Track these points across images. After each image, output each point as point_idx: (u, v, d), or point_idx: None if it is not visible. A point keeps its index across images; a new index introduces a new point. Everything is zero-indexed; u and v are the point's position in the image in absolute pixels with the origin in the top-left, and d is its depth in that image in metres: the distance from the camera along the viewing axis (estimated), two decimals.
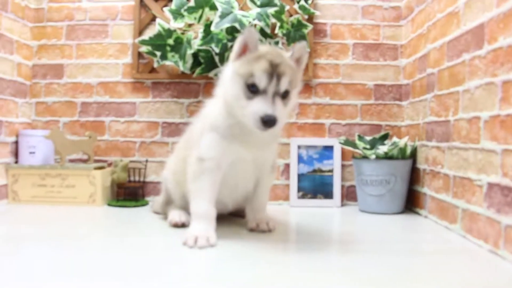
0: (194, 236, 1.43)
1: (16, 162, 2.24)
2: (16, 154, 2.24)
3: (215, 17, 2.09)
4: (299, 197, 2.29)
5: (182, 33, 2.23)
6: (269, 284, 1.09)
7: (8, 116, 2.18)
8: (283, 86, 1.39)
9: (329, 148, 2.32)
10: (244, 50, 1.45)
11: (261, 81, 1.37)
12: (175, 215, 1.73)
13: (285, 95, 1.41)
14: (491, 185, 1.42)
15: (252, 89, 1.38)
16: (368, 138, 2.25)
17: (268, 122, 1.34)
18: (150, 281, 1.09)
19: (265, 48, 1.47)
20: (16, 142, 2.24)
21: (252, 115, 1.36)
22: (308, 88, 2.35)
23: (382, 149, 2.09)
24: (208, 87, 2.34)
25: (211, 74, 2.24)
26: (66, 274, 1.14)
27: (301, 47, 1.48)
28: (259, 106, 1.35)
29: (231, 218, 1.88)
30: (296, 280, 1.13)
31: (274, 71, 1.37)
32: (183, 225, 1.69)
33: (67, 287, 1.04)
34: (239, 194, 1.71)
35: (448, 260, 1.33)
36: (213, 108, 1.58)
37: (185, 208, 1.73)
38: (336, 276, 1.16)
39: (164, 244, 1.49)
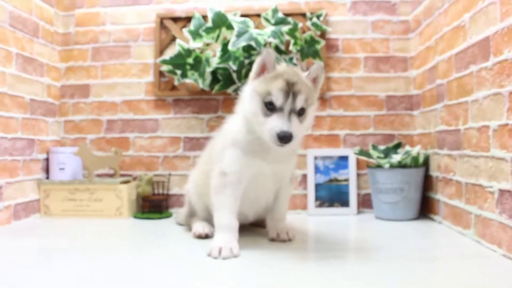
0: (218, 247, 1.50)
1: (47, 178, 2.37)
2: (47, 170, 2.37)
3: (232, 36, 2.21)
4: (316, 206, 2.37)
5: (201, 52, 2.34)
6: None
7: (39, 135, 2.32)
8: (299, 104, 1.47)
9: (345, 158, 2.40)
10: (262, 70, 1.54)
11: (277, 99, 1.45)
12: (199, 226, 1.81)
13: (301, 112, 1.49)
14: (502, 192, 1.49)
15: (270, 107, 1.46)
16: (381, 147, 2.33)
17: (284, 138, 1.41)
18: (174, 287, 1.18)
19: (282, 67, 1.56)
20: (47, 159, 2.38)
21: (269, 131, 1.44)
22: (322, 101, 2.44)
23: (396, 158, 2.17)
24: (226, 103, 2.45)
25: (229, 90, 2.35)
26: (96, 284, 1.23)
27: (317, 67, 1.57)
28: (276, 123, 1.43)
29: (252, 228, 1.96)
30: (315, 286, 1.20)
31: (290, 90, 1.45)
32: (207, 236, 1.77)
33: None
34: (260, 205, 1.78)
35: (462, 266, 1.39)
36: (233, 125, 1.66)
37: (208, 219, 1.81)
38: (355, 284, 1.23)
39: (189, 254, 1.56)
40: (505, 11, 1.46)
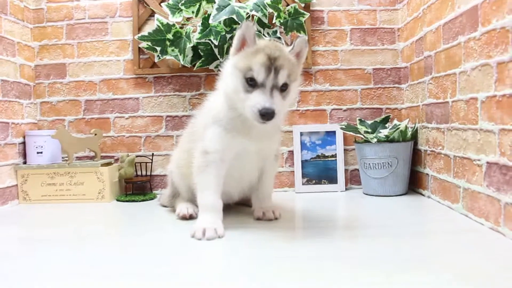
0: (202, 228, 1.46)
1: (25, 162, 2.29)
2: (24, 154, 2.29)
3: (212, 10, 2.12)
4: (304, 183, 2.34)
5: (181, 27, 2.25)
6: (277, 271, 1.13)
7: (14, 118, 2.22)
8: (281, 80, 1.41)
9: (331, 134, 2.36)
10: (242, 45, 1.48)
11: (259, 74, 1.39)
12: (183, 207, 1.77)
13: (284, 88, 1.43)
14: (490, 164, 1.45)
15: (251, 83, 1.41)
16: (369, 122, 2.28)
17: (266, 115, 1.36)
18: (162, 272, 1.14)
19: (263, 42, 1.49)
20: (24, 143, 2.29)
21: (251, 108, 1.39)
22: (308, 75, 2.38)
23: (383, 132, 2.12)
24: (209, 80, 2.37)
25: (211, 67, 2.27)
26: (80, 270, 1.19)
27: (301, 41, 1.50)
28: (258, 100, 1.38)
29: (237, 207, 1.92)
30: (304, 265, 1.17)
31: (272, 65, 1.39)
32: (191, 217, 1.73)
33: (82, 284, 1.09)
34: (245, 184, 1.75)
35: (451, 240, 1.37)
36: (215, 102, 1.61)
37: (192, 200, 1.78)
38: (344, 261, 1.20)
39: (173, 236, 1.53)
40: None
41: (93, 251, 1.37)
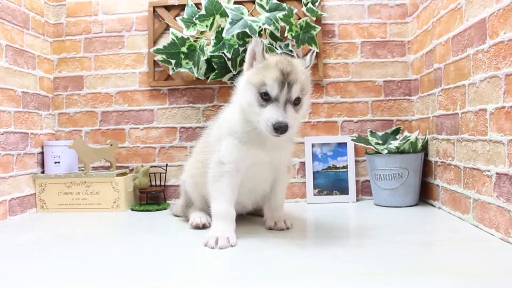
0: (215, 237, 1.49)
1: (43, 172, 2.35)
2: (42, 164, 2.35)
3: (226, 24, 2.17)
4: (315, 194, 2.36)
5: (195, 41, 2.31)
6: (288, 279, 1.16)
7: (33, 129, 2.29)
8: (295, 94, 1.46)
9: (343, 145, 2.38)
10: (254, 59, 1.54)
11: (273, 89, 1.44)
12: (196, 217, 1.80)
13: (296, 102, 1.48)
14: (499, 175, 1.46)
15: (265, 97, 1.45)
16: (380, 133, 2.30)
17: (279, 128, 1.40)
18: (174, 279, 1.17)
19: (275, 57, 1.54)
20: (42, 153, 2.35)
21: (265, 122, 1.43)
22: (319, 87, 2.41)
23: (394, 144, 2.14)
24: (222, 92, 2.42)
25: (224, 79, 2.32)
26: (95, 277, 1.22)
27: (312, 55, 1.57)
28: (271, 114, 1.42)
29: (250, 217, 1.95)
30: (314, 273, 1.19)
31: (285, 80, 1.44)
32: (204, 226, 1.76)
33: (93, 286, 1.12)
34: (258, 194, 1.78)
35: (461, 250, 1.38)
36: (230, 114, 1.65)
37: (205, 209, 1.82)
38: (354, 269, 1.22)
39: (187, 245, 1.56)
40: None
41: (105, 256, 1.41)
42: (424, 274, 1.15)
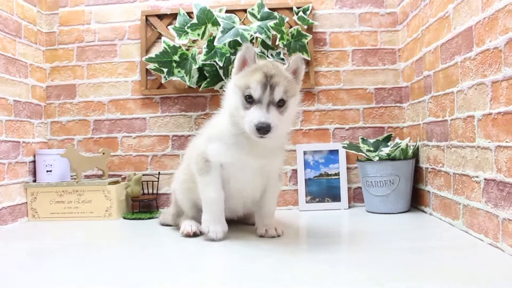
0: (212, 230, 1.64)
1: (34, 180, 2.35)
2: (34, 173, 2.35)
3: (217, 33, 2.19)
4: (307, 201, 2.36)
5: (187, 49, 2.32)
6: (278, 286, 1.16)
7: (25, 137, 2.29)
8: (278, 96, 1.49)
9: (334, 152, 2.39)
10: (243, 65, 1.58)
11: (255, 91, 1.48)
12: (187, 225, 1.80)
13: (281, 104, 1.51)
14: (487, 181, 1.48)
15: (249, 100, 1.50)
16: (371, 140, 2.32)
17: (261, 129, 1.44)
18: (164, 285, 1.17)
19: (262, 61, 1.58)
20: (34, 162, 2.35)
21: (248, 124, 1.47)
22: (310, 95, 2.43)
23: (385, 150, 2.16)
24: (214, 100, 2.43)
25: (216, 87, 2.33)
26: (83, 282, 1.22)
27: (296, 58, 1.58)
28: (254, 115, 1.46)
29: (241, 225, 1.95)
30: (306, 280, 1.20)
31: (268, 82, 1.48)
32: (195, 235, 1.76)
33: None
34: (248, 200, 1.79)
35: (451, 256, 1.39)
36: (220, 119, 1.69)
37: (196, 218, 1.82)
38: (346, 276, 1.23)
39: (178, 252, 1.56)
40: (486, 1, 1.45)
41: (97, 265, 1.40)
42: (415, 280, 1.15)
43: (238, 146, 1.60)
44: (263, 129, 1.44)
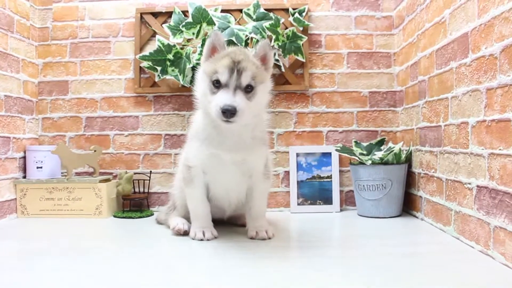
0: (201, 230, 1.69)
1: (24, 177, 2.32)
2: (24, 169, 2.32)
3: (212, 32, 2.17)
4: (299, 203, 2.36)
5: (181, 48, 2.31)
6: None
7: (15, 133, 2.26)
8: (245, 81, 1.51)
9: (327, 155, 2.38)
10: (213, 52, 1.60)
11: (222, 76, 1.50)
12: (179, 222, 1.80)
13: (249, 90, 1.52)
14: (480, 188, 1.48)
15: (216, 85, 1.52)
16: (364, 144, 2.32)
17: (226, 111, 1.44)
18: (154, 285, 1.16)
19: (231, 48, 1.61)
20: (24, 158, 2.32)
21: (214, 108, 1.49)
22: (305, 97, 2.42)
23: (378, 154, 2.15)
24: None
25: None
26: (73, 283, 1.21)
27: (263, 44, 1.61)
28: (220, 98, 1.48)
29: (232, 227, 1.94)
30: (297, 284, 1.19)
31: (235, 67, 1.50)
32: (185, 233, 1.77)
33: None
34: (232, 200, 1.79)
35: (441, 262, 1.38)
36: (196, 117, 1.73)
37: (187, 217, 1.82)
38: (336, 280, 1.22)
39: (168, 253, 1.55)
40: (482, 8, 1.44)
41: (86, 263, 1.39)
42: (404, 285, 1.15)
43: (210, 139, 1.62)
44: (228, 112, 1.44)
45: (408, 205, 2.22)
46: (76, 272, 1.31)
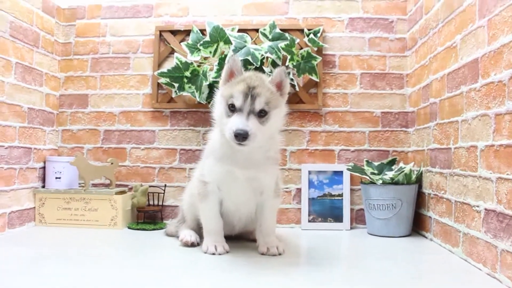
0: (213, 244, 1.72)
1: (43, 186, 2.39)
2: (43, 179, 2.40)
3: (229, 51, 2.24)
4: (310, 221, 2.39)
5: (198, 66, 2.38)
6: None
7: (36, 144, 2.34)
8: (258, 106, 1.56)
9: (339, 173, 2.42)
10: (230, 76, 1.66)
11: (237, 100, 1.56)
12: (187, 234, 1.87)
13: (262, 114, 1.57)
14: (487, 211, 1.50)
15: (232, 109, 1.58)
16: (376, 163, 2.34)
17: (238, 135, 1.50)
18: None
19: (247, 73, 1.66)
20: (44, 168, 2.40)
21: (228, 131, 1.54)
22: (318, 116, 2.47)
23: (389, 174, 2.18)
24: None
25: None
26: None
27: (279, 71, 1.66)
28: (234, 122, 1.53)
29: (244, 242, 1.97)
30: None
31: (249, 92, 1.55)
32: (193, 245, 1.84)
33: None
34: (243, 216, 1.84)
35: (449, 283, 1.40)
36: (213, 133, 1.78)
37: (196, 230, 1.91)
38: None
39: (179, 265, 1.59)
40: (492, 35, 1.48)
41: (99, 273, 1.43)
42: None
43: (226, 157, 1.67)
44: (240, 136, 1.50)
45: (417, 225, 2.23)
46: (86, 281, 1.35)
